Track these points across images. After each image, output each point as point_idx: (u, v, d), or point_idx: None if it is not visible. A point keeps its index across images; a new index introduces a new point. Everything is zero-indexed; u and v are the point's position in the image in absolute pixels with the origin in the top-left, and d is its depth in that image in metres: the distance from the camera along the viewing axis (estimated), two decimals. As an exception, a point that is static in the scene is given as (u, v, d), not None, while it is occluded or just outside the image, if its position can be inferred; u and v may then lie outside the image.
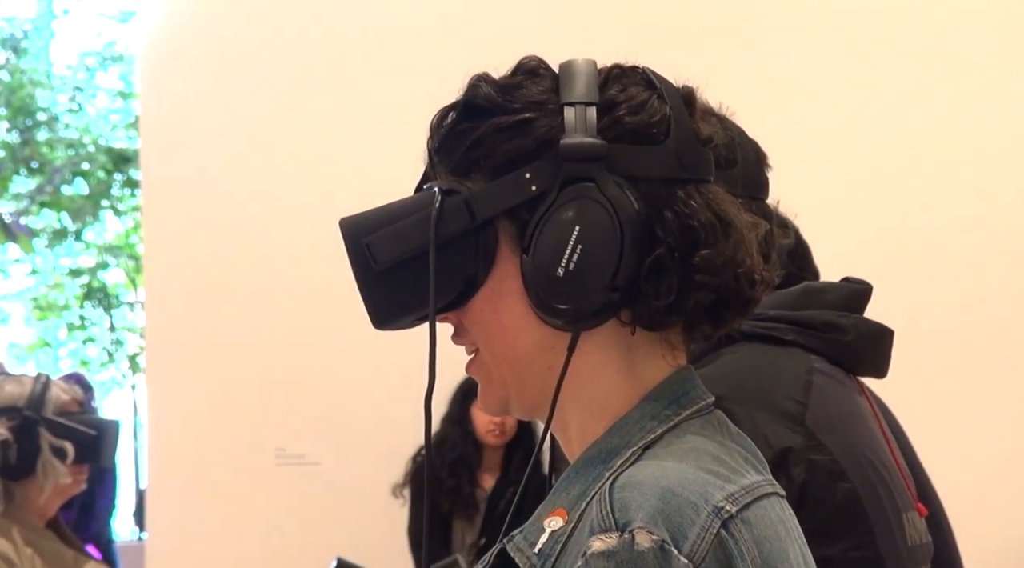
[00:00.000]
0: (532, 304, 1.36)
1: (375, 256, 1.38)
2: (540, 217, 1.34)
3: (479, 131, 1.39)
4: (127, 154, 11.07)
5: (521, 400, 1.43)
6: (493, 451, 5.45)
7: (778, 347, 2.08)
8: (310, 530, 5.68)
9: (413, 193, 1.44)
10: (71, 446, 3.38)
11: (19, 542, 3.37)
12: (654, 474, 1.26)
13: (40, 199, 10.72)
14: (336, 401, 5.72)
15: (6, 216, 10.04)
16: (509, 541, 1.34)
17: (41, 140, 10.61)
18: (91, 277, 11.81)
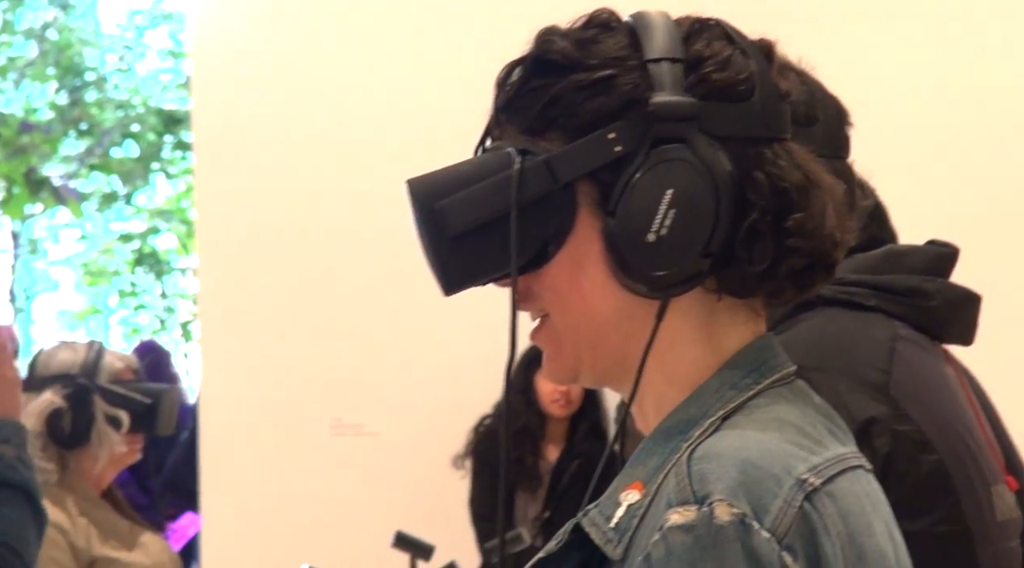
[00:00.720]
0: (615, 270, 1.32)
1: (449, 221, 1.31)
2: (628, 179, 1.30)
3: (556, 89, 1.33)
4: (178, 115, 11.04)
5: (594, 369, 1.39)
6: (557, 422, 5.38)
7: (860, 313, 2.03)
8: (367, 502, 5.63)
9: (475, 151, 1.39)
10: (126, 415, 3.35)
11: (74, 512, 3.36)
12: (734, 445, 1.23)
13: (89, 162, 10.71)
14: (395, 370, 5.66)
15: (55, 179, 10.01)
16: (584, 516, 1.31)
17: (90, 101, 10.57)
18: (142, 242, 11.82)
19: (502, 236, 1.31)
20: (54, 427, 3.32)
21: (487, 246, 1.32)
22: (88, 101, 10.56)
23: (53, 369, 3.38)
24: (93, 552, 3.33)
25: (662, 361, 1.34)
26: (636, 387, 1.33)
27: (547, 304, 1.36)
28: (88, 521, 3.35)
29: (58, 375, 3.37)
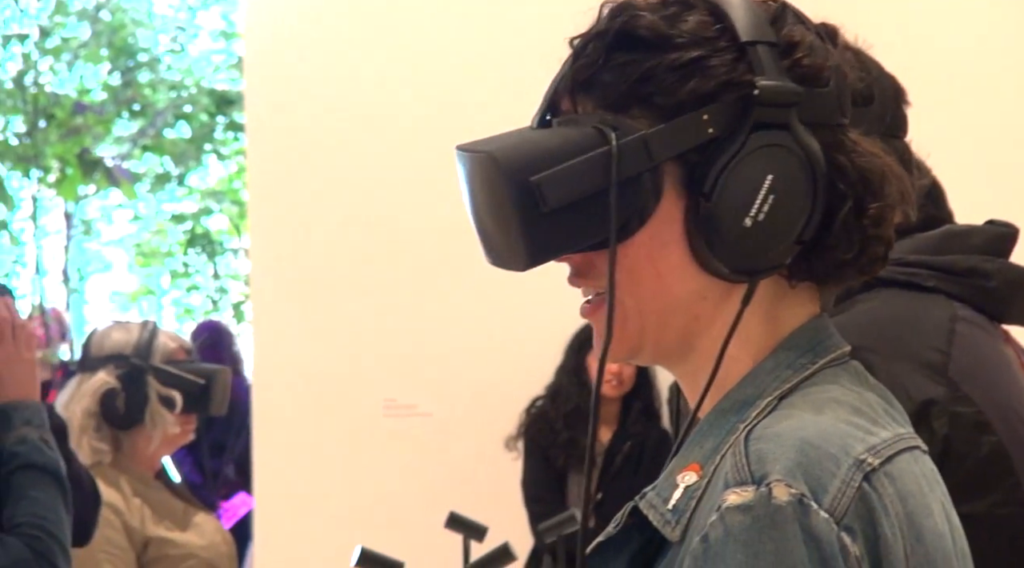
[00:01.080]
0: (698, 251, 1.31)
1: (545, 197, 1.29)
2: (726, 163, 1.29)
3: (646, 66, 1.32)
4: (230, 96, 11.05)
5: (656, 348, 1.38)
6: (610, 403, 5.37)
7: (918, 294, 2.02)
8: (419, 483, 5.63)
9: (536, 121, 1.37)
10: (179, 395, 3.33)
11: (127, 492, 3.37)
12: (791, 425, 1.23)
13: (142, 143, 10.74)
14: (448, 351, 5.65)
15: (108, 160, 10.04)
16: (642, 498, 1.31)
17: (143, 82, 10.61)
18: (194, 223, 11.85)
19: (588, 212, 1.29)
20: (108, 408, 3.32)
21: (573, 222, 1.30)
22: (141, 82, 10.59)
23: (107, 350, 3.38)
24: (147, 532, 3.33)
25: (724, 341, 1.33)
26: (716, 370, 1.32)
27: (617, 281, 1.34)
28: (142, 502, 3.35)
29: (112, 355, 3.37)
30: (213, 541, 3.45)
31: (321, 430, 5.70)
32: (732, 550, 1.17)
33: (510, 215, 1.30)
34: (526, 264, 1.32)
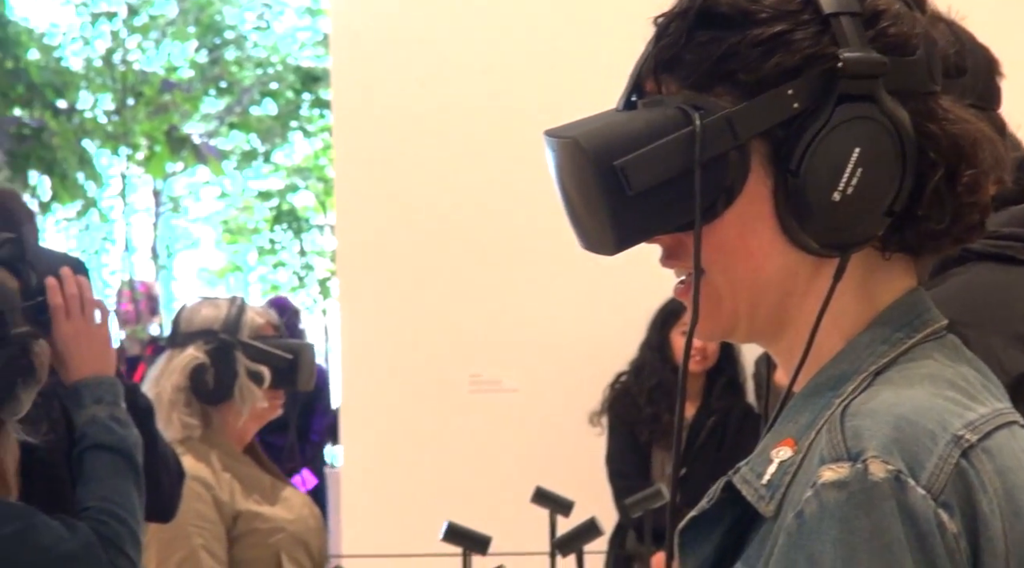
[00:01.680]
0: (788, 227, 1.30)
1: (630, 180, 1.28)
2: (812, 137, 1.27)
3: (729, 43, 1.30)
4: (316, 73, 11.08)
5: (750, 326, 1.37)
6: (694, 378, 5.36)
7: (1013, 267, 2.01)
8: (504, 458, 5.64)
9: (621, 103, 1.36)
10: (267, 370, 3.35)
11: (217, 467, 3.39)
12: (887, 401, 1.21)
13: (229, 120, 10.79)
14: (533, 327, 5.65)
15: (196, 138, 10.11)
16: (735, 473, 1.30)
17: (229, 59, 10.66)
18: (280, 200, 11.90)
19: (675, 193, 1.29)
20: (197, 383, 3.33)
21: (660, 204, 1.30)
22: (228, 59, 10.65)
23: (196, 325, 3.40)
24: (237, 506, 3.35)
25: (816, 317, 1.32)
26: (810, 345, 1.31)
27: (708, 261, 1.33)
28: (232, 476, 3.37)
29: (201, 331, 3.38)
30: (301, 515, 3.47)
31: (407, 406, 5.72)
32: (827, 526, 1.16)
33: (596, 200, 1.30)
34: (615, 248, 1.32)
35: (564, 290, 5.61)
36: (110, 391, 2.61)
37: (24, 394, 2.47)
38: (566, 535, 3.80)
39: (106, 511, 2.51)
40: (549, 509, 4.02)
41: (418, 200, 5.72)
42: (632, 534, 5.21)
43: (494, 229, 5.66)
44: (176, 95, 9.83)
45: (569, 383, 5.58)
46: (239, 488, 3.38)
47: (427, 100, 5.73)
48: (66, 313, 2.58)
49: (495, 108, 5.66)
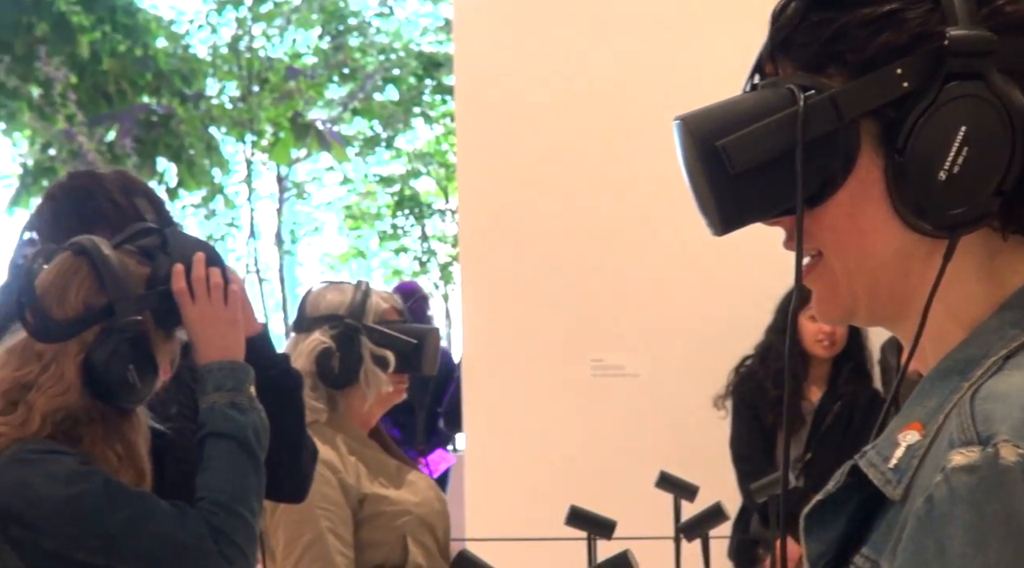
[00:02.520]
0: (899, 209, 1.27)
1: (732, 159, 1.28)
2: (918, 116, 1.25)
3: (840, 23, 1.29)
4: (438, 59, 11.12)
5: (870, 309, 1.34)
6: (821, 363, 5.31)
7: None
8: (628, 442, 5.64)
9: (745, 88, 1.35)
10: (392, 355, 3.36)
11: (343, 450, 3.40)
12: (1019, 385, 1.18)
13: (352, 106, 10.85)
14: (655, 312, 5.64)
15: (319, 124, 10.19)
16: (861, 457, 1.27)
17: (353, 46, 10.73)
18: (402, 185, 11.95)
19: (783, 174, 1.28)
20: (323, 367, 3.35)
21: (767, 185, 1.29)
22: (351, 46, 10.71)
23: (322, 310, 3.41)
24: (363, 490, 3.37)
25: (944, 300, 1.29)
26: (921, 328, 1.29)
27: (823, 244, 1.32)
28: (357, 459, 3.38)
29: (326, 316, 3.40)
30: (427, 498, 3.48)
31: (530, 390, 5.74)
32: (958, 511, 1.14)
33: (702, 180, 1.30)
34: (721, 229, 1.32)
35: (687, 274, 5.59)
36: (231, 377, 2.63)
37: (141, 381, 2.51)
38: (691, 519, 3.80)
39: (218, 501, 2.54)
40: (673, 493, 4.01)
41: (540, 185, 5.73)
42: (756, 518, 5.19)
43: (616, 213, 5.65)
44: (300, 82, 9.91)
45: (691, 368, 5.57)
46: (365, 472, 3.40)
47: (548, 84, 5.73)
48: (192, 298, 2.61)
49: (617, 92, 5.65)
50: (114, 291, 2.51)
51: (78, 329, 2.50)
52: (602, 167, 5.66)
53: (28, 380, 2.51)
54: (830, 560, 1.30)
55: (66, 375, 2.49)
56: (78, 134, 9.21)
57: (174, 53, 9.94)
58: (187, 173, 9.97)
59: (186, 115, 9.73)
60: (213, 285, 2.62)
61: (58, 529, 2.48)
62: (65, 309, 2.50)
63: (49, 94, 9.40)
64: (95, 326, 2.50)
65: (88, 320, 2.50)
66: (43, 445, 2.49)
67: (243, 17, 9.77)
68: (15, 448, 2.48)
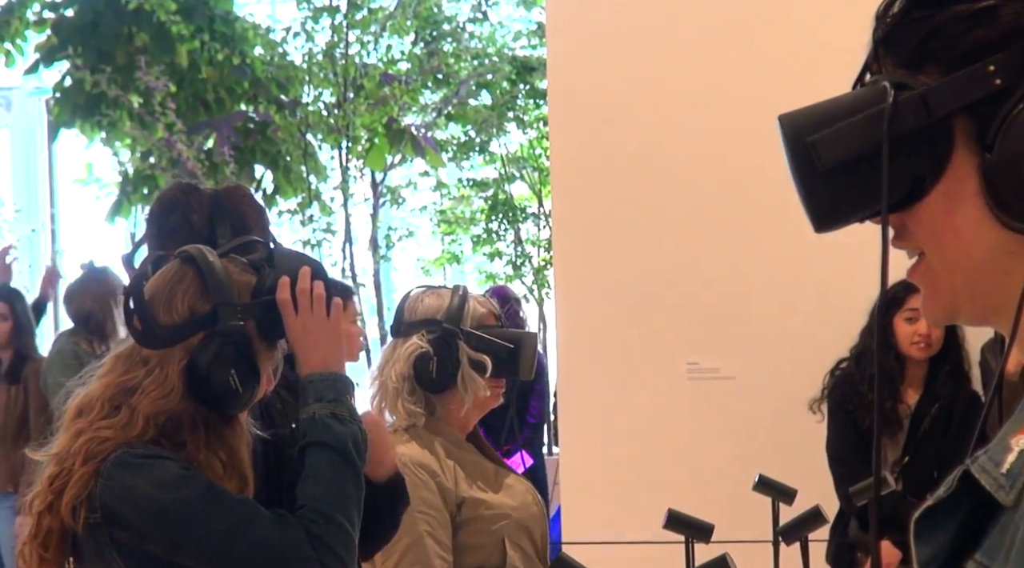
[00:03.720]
0: (992, 206, 1.26)
1: (820, 155, 1.29)
2: (1007, 113, 1.24)
3: (935, 20, 1.29)
4: (531, 63, 11.11)
5: (972, 307, 1.34)
6: (917, 365, 5.28)
7: None
8: (724, 445, 5.63)
9: (853, 87, 1.35)
10: (489, 359, 3.38)
11: (441, 454, 3.43)
12: None
13: (446, 111, 10.87)
14: (749, 314, 5.63)
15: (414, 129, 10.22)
16: (973, 462, 1.25)
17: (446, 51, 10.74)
18: (496, 190, 11.95)
19: (876, 172, 1.28)
20: (421, 372, 3.37)
21: (860, 182, 1.29)
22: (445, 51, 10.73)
23: (419, 315, 3.44)
24: (461, 493, 3.39)
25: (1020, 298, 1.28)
26: (1016, 327, 1.27)
27: (923, 242, 1.33)
28: (455, 463, 3.41)
29: (424, 321, 3.42)
30: (524, 502, 3.50)
31: (625, 393, 5.74)
32: None
33: (795, 176, 1.31)
34: (816, 226, 1.33)
35: (782, 277, 5.57)
36: (332, 388, 2.66)
37: (242, 387, 2.55)
38: (790, 523, 3.79)
39: (318, 510, 2.57)
40: (771, 497, 4.00)
41: (633, 188, 5.73)
42: (854, 522, 5.17)
43: (710, 216, 5.64)
44: (395, 88, 9.94)
45: (787, 370, 5.55)
46: (463, 475, 3.42)
47: (642, 88, 5.73)
48: (295, 309, 2.64)
49: (711, 96, 5.64)
50: (217, 297, 2.56)
51: (182, 335, 2.55)
52: (696, 170, 5.66)
53: (133, 384, 2.56)
54: (941, 565, 1.29)
55: (169, 378, 2.54)
56: (177, 142, 9.30)
57: (271, 61, 10.00)
58: (284, 179, 10.03)
59: (283, 122, 9.79)
60: (316, 297, 2.66)
61: (161, 534, 2.53)
62: (171, 315, 2.55)
63: (149, 103, 9.50)
64: (199, 332, 2.55)
65: (192, 325, 2.55)
66: (147, 449, 2.54)
67: (338, 24, 9.82)
68: (120, 452, 2.53)
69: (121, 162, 10.45)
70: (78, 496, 2.53)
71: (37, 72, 10.71)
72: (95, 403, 2.59)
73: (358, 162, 10.25)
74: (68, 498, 2.53)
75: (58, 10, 10.35)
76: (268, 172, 10.22)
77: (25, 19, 10.50)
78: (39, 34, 10.56)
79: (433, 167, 11.26)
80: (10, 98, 13.76)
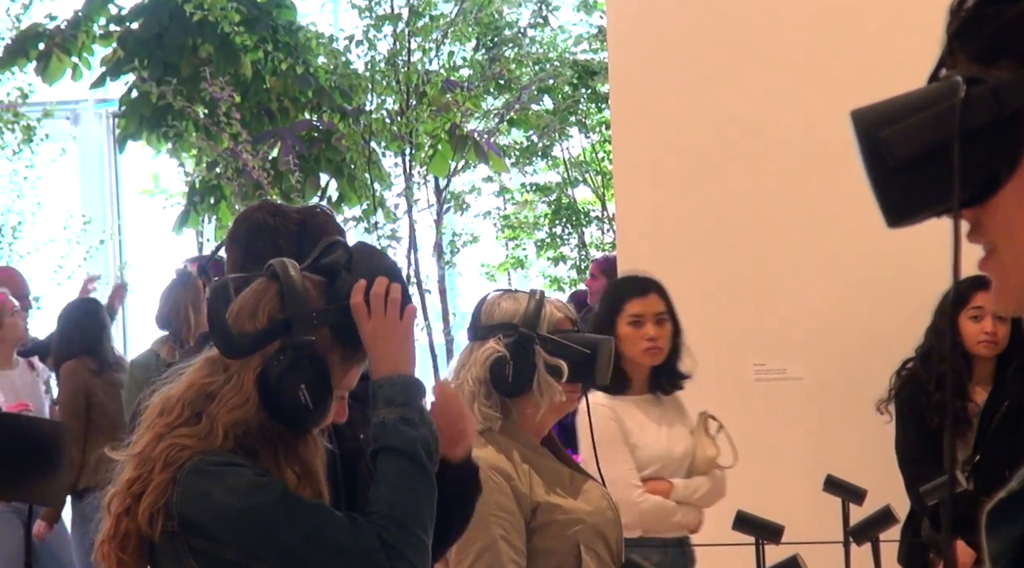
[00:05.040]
0: None
1: (892, 151, 1.28)
2: None
3: (1008, 14, 1.27)
4: (592, 67, 11.14)
5: None
6: (984, 363, 5.25)
7: None
8: (792, 446, 5.62)
9: (928, 82, 1.33)
10: (565, 364, 3.37)
11: (516, 458, 3.42)
12: None
13: (508, 117, 10.91)
14: (816, 315, 5.62)
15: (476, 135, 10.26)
16: None
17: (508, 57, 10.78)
18: (559, 194, 11.98)
19: (948, 167, 1.26)
20: (497, 375, 3.35)
21: (933, 177, 1.28)
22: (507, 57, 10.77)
23: (496, 319, 3.42)
24: (536, 498, 3.39)
25: None
26: None
27: (996, 236, 1.32)
28: (531, 468, 3.40)
29: (500, 325, 3.41)
30: (600, 507, 3.49)
31: (693, 394, 5.73)
32: None
33: (868, 172, 1.31)
34: (890, 221, 1.32)
35: (848, 277, 5.56)
36: (403, 391, 2.65)
37: (313, 402, 2.54)
38: (860, 523, 3.79)
39: (390, 517, 2.57)
40: (841, 497, 4.01)
41: (697, 191, 5.73)
42: (927, 522, 5.15)
43: (775, 217, 5.64)
44: (457, 94, 9.99)
45: (855, 370, 5.53)
46: (538, 480, 3.41)
47: (704, 89, 5.73)
48: (368, 313, 2.66)
49: (776, 96, 5.63)
50: (292, 308, 2.58)
51: (258, 344, 2.57)
52: (761, 170, 5.65)
53: (212, 390, 2.59)
54: (1011, 559, 1.29)
55: (245, 387, 2.56)
56: (243, 152, 9.38)
57: (334, 70, 10.06)
58: (348, 187, 10.09)
59: (346, 130, 9.85)
60: (390, 301, 2.65)
61: (237, 540, 2.55)
62: (253, 325, 2.59)
63: (214, 114, 9.58)
64: (274, 341, 2.58)
65: (268, 335, 2.57)
66: (223, 457, 2.56)
67: (400, 32, 9.86)
68: (196, 460, 2.55)
69: (187, 173, 10.55)
70: (155, 503, 2.55)
71: (104, 85, 10.84)
72: (176, 404, 2.61)
73: (421, 169, 10.29)
74: (146, 505, 2.55)
75: (124, 23, 10.46)
76: (333, 180, 10.28)
77: (92, 33, 10.62)
78: (105, 48, 10.68)
79: (496, 172, 11.31)
80: (77, 112, 13.90)
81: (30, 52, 10.68)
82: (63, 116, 13.01)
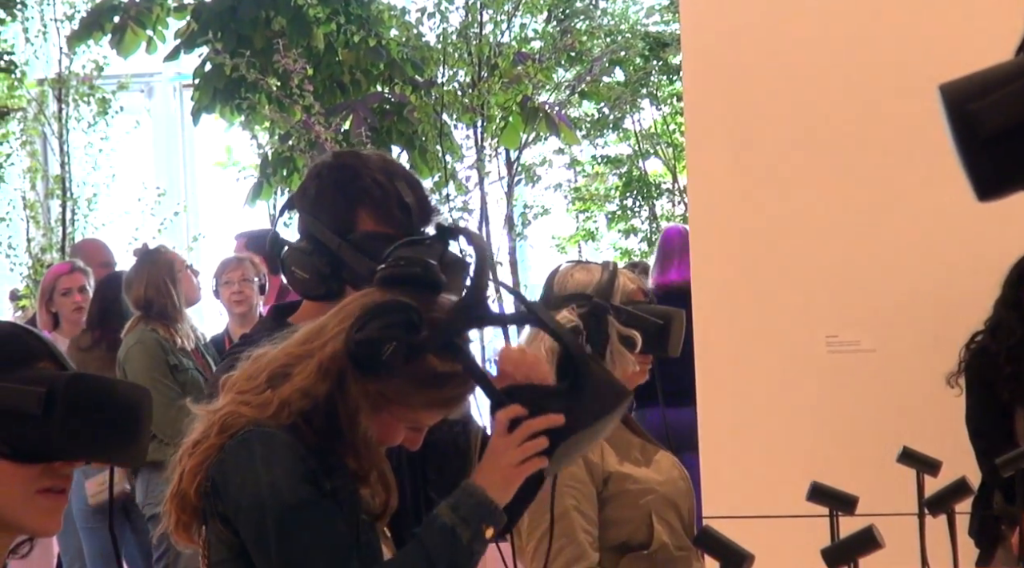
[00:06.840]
0: None
1: (982, 124, 1.26)
2: None
3: None
4: (664, 39, 11.12)
5: None
6: (1048, 338, 5.17)
7: None
8: (865, 417, 5.59)
9: (1015, 54, 1.34)
10: (638, 335, 3.38)
11: None
12: None
13: (580, 89, 10.91)
14: (890, 286, 5.58)
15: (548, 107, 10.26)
16: None
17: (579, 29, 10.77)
18: (630, 167, 11.97)
19: None
20: None
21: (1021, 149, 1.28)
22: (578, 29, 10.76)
23: (569, 289, 3.44)
24: (607, 467, 3.41)
25: None
26: None
27: None
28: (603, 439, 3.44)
29: (574, 295, 3.43)
30: (671, 477, 3.51)
31: (764, 366, 5.72)
32: None
33: (957, 145, 1.30)
34: (979, 194, 1.31)
35: (920, 249, 5.52)
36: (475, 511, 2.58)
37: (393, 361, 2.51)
38: (936, 494, 3.77)
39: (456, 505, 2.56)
40: (916, 469, 3.99)
41: (770, 162, 5.70)
42: (999, 495, 5.12)
43: (848, 188, 5.60)
44: (529, 67, 9.99)
45: (928, 341, 5.49)
46: (610, 450, 3.43)
47: (778, 61, 5.70)
48: (506, 430, 2.57)
49: (853, 67, 5.59)
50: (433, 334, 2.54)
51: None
52: (835, 143, 5.62)
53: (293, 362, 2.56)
54: None
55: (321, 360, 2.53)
56: (315, 124, 9.42)
57: (406, 42, 10.09)
58: (420, 159, 10.11)
59: (418, 102, 9.88)
60: (534, 444, 2.56)
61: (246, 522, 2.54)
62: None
63: (287, 86, 9.63)
64: None
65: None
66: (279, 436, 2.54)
67: (472, 4, 9.87)
68: (247, 431, 2.55)
69: (260, 145, 10.60)
70: (200, 465, 2.56)
71: (177, 58, 10.90)
72: (260, 373, 2.59)
73: (493, 141, 10.29)
74: (193, 464, 2.57)
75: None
76: (404, 152, 10.31)
77: (165, 6, 10.69)
78: (179, 21, 10.75)
79: (567, 145, 11.30)
80: (152, 84, 13.99)
81: (105, 25, 10.76)
82: (137, 89, 13.11)
